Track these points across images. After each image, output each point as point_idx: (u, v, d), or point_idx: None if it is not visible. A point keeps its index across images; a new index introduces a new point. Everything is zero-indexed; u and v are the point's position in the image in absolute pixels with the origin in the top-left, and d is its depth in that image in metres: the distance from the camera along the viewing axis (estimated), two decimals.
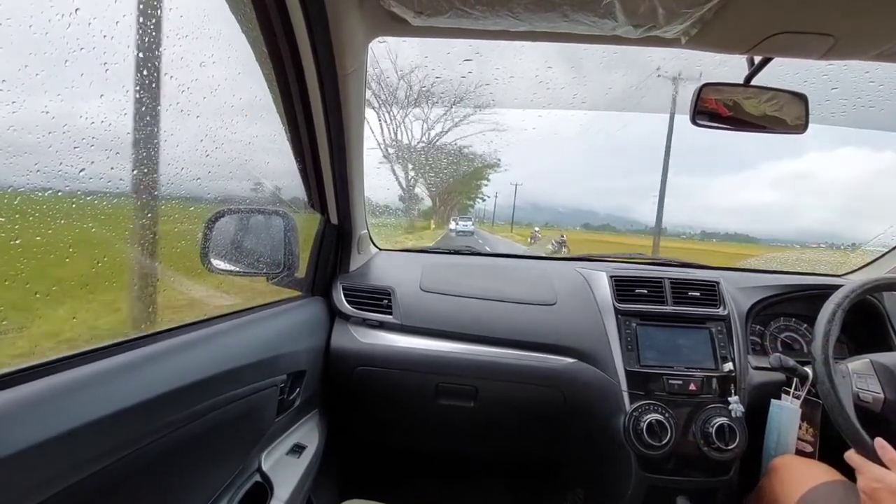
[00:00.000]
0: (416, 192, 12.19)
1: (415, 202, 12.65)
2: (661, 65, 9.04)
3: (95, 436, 0.50)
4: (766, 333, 1.37)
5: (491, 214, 25.87)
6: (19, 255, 0.58)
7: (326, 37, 0.86)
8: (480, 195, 18.51)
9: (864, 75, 1.54)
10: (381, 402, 1.30)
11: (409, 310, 1.26)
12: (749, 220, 44.94)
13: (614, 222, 32.03)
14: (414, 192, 11.96)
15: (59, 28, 0.55)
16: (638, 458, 1.11)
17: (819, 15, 0.75)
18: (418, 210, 13.15)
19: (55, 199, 0.61)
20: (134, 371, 0.58)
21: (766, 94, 0.99)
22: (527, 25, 0.85)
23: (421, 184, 11.94)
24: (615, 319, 1.21)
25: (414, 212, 12.59)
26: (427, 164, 11.19)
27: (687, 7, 0.74)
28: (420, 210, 13.42)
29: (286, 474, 0.97)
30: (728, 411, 1.09)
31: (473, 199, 18.36)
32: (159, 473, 0.61)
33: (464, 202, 17.72)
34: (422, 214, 13.38)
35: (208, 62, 0.82)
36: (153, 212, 0.83)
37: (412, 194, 11.83)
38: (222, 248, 0.99)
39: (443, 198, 13.86)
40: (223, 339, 0.78)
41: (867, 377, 0.99)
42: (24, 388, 0.46)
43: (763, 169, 68.94)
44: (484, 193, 19.42)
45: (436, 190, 12.99)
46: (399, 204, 11.39)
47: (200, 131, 0.87)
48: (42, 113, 0.56)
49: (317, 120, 0.98)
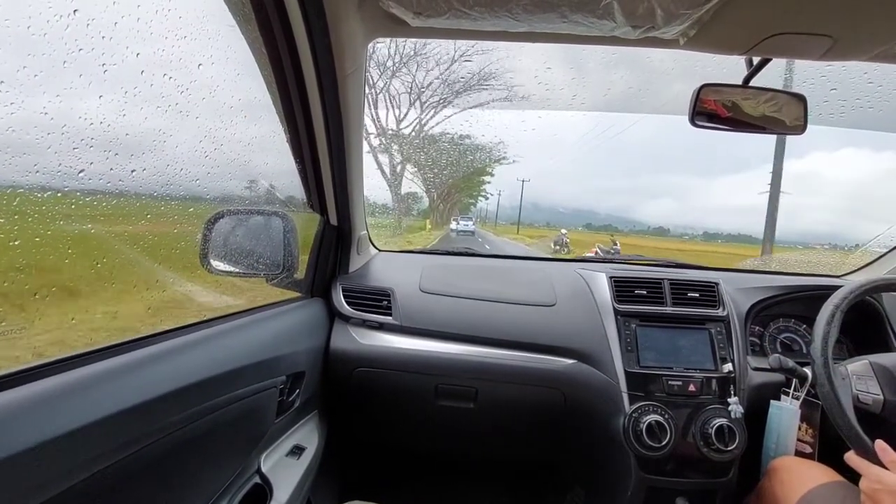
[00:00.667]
0: (409, 186, 11.85)
1: (408, 198, 12.30)
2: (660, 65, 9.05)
3: (95, 437, 0.50)
4: (766, 334, 1.37)
5: (492, 214, 25.71)
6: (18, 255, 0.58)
7: (326, 38, 0.86)
8: (483, 193, 18.25)
9: (862, 76, 1.55)
10: (381, 404, 1.30)
11: (408, 311, 1.26)
12: (751, 221, 44.74)
13: (616, 222, 32.04)
14: (404, 188, 11.61)
15: (58, 29, 0.55)
16: (637, 458, 1.11)
17: (817, 16, 0.76)
18: (410, 207, 12.80)
19: (54, 200, 0.61)
20: (133, 372, 0.58)
21: (764, 94, 0.99)
22: (525, 26, 0.85)
23: (415, 177, 11.61)
24: (615, 320, 1.21)
25: (412, 210, 12.33)
26: (426, 156, 10.98)
27: (685, 8, 0.74)
28: (418, 209, 13.11)
29: (286, 476, 0.97)
30: (727, 412, 1.09)
31: (476, 197, 18.05)
32: (159, 475, 0.61)
33: (465, 200, 17.61)
34: (418, 213, 13.05)
35: (207, 63, 0.82)
36: (152, 212, 0.83)
37: (400, 190, 11.47)
38: (222, 249, 0.99)
39: (442, 194, 13.59)
40: (222, 341, 0.78)
41: (866, 379, 0.99)
42: (24, 390, 0.46)
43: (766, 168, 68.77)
44: (486, 191, 19.22)
45: (434, 185, 12.73)
46: (387, 200, 11.04)
47: (200, 132, 0.88)
48: (41, 114, 0.56)
49: (316, 121, 0.99)
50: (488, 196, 20.41)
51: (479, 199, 19.25)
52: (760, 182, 39.47)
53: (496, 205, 24.94)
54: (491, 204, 25.13)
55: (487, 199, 20.97)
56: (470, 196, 17.25)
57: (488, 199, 21.00)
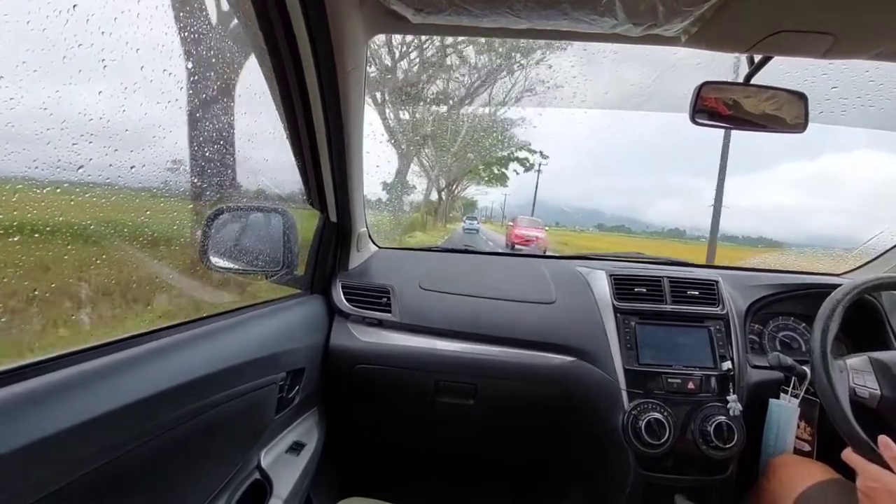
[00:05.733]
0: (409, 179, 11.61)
1: (405, 192, 11.99)
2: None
3: (95, 433, 0.50)
4: (765, 332, 1.37)
5: (494, 213, 25.75)
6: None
7: (326, 34, 0.85)
8: (498, 175, 18.02)
9: (863, 74, 1.54)
10: (381, 400, 1.30)
11: (408, 308, 1.26)
12: (764, 222, 44.07)
13: (626, 223, 31.85)
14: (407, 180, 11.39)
15: (58, 25, 0.55)
16: (636, 456, 1.11)
17: (819, 13, 0.75)
18: (404, 202, 12.50)
19: (54, 196, 0.61)
20: (133, 368, 0.58)
21: (765, 92, 0.98)
22: (526, 23, 0.85)
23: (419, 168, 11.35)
24: (614, 318, 1.21)
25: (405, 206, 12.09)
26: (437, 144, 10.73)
27: (687, 5, 0.74)
28: (412, 203, 12.78)
29: (285, 472, 0.97)
30: (727, 410, 1.09)
31: (493, 177, 17.66)
32: (159, 471, 0.61)
33: (476, 191, 17.78)
34: (413, 209, 12.75)
35: (207, 59, 0.82)
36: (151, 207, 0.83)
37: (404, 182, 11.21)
38: (221, 246, 0.99)
39: (450, 187, 13.29)
40: (222, 337, 0.78)
41: (864, 373, 0.99)
42: (24, 385, 0.46)
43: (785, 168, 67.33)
44: (493, 185, 19.18)
45: (439, 176, 12.44)
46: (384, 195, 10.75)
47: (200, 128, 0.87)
48: (40, 109, 0.56)
49: (316, 118, 0.98)
50: (486, 193, 20.48)
51: (492, 184, 19.27)
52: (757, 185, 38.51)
53: (501, 205, 25.15)
54: (495, 203, 25.32)
55: (488, 194, 21.13)
56: (488, 175, 17.27)
57: (487, 194, 21.22)
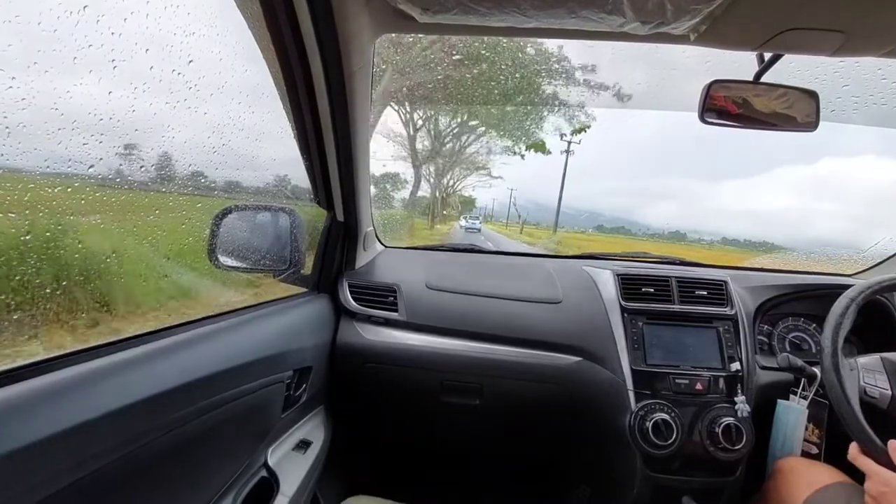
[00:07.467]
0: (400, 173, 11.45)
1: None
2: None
3: (103, 431, 0.50)
4: (774, 333, 1.36)
5: (496, 213, 25.70)
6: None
7: (333, 34, 0.85)
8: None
9: (876, 72, 1.52)
10: (386, 399, 1.31)
11: (414, 307, 1.26)
12: (766, 225, 43.62)
13: (626, 225, 31.67)
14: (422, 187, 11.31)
15: (68, 25, 0.56)
16: (643, 457, 1.11)
17: (829, 11, 0.74)
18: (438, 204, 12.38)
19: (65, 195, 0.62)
20: (141, 367, 0.59)
21: (776, 91, 0.97)
22: (534, 22, 0.84)
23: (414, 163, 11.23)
24: (621, 318, 1.20)
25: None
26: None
27: (696, 3, 0.73)
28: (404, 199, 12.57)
29: (292, 470, 0.98)
30: (735, 411, 1.08)
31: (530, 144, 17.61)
32: (166, 468, 0.62)
33: (469, 197, 17.71)
34: (408, 207, 12.53)
35: (216, 60, 0.83)
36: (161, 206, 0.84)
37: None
38: (229, 245, 1.00)
39: (447, 187, 13.17)
40: (230, 336, 0.78)
41: (875, 373, 0.97)
42: (33, 384, 0.47)
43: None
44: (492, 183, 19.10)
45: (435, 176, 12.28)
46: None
47: (208, 128, 0.88)
48: (51, 109, 0.56)
49: (323, 117, 0.99)
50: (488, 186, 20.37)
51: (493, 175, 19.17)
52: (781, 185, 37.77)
53: (509, 201, 25.07)
54: (496, 201, 25.24)
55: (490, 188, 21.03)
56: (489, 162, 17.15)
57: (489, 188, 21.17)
